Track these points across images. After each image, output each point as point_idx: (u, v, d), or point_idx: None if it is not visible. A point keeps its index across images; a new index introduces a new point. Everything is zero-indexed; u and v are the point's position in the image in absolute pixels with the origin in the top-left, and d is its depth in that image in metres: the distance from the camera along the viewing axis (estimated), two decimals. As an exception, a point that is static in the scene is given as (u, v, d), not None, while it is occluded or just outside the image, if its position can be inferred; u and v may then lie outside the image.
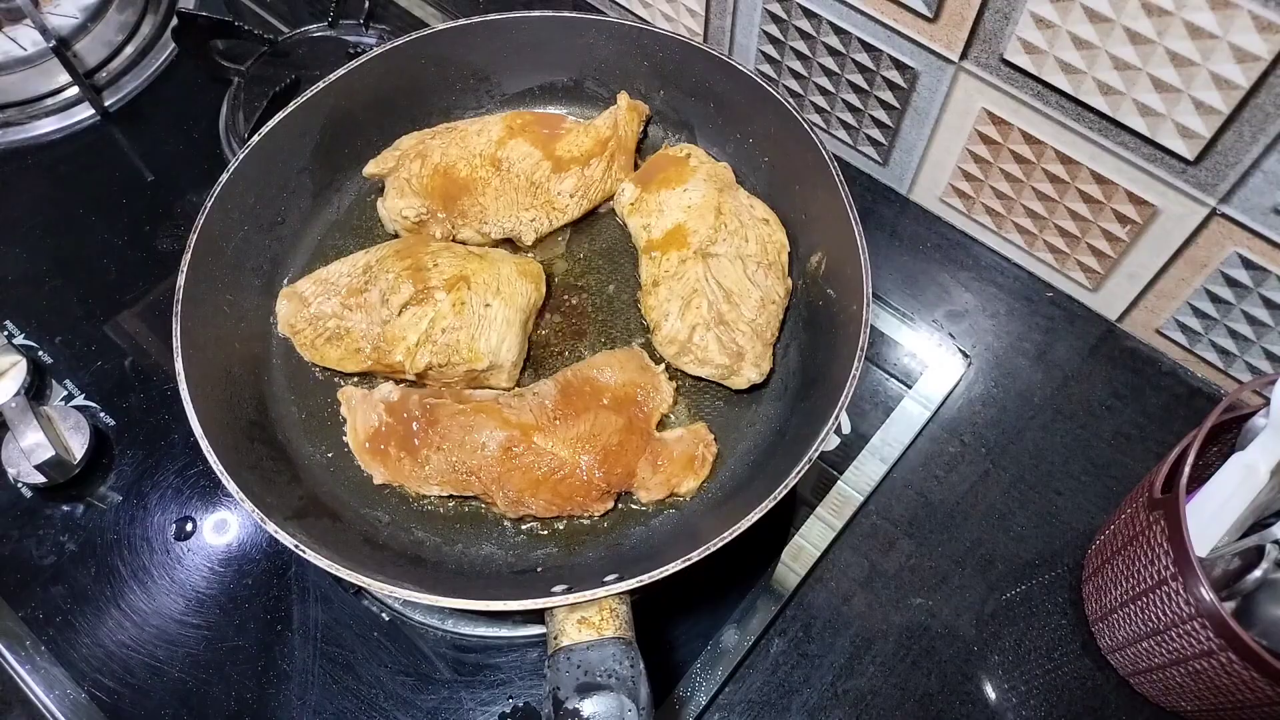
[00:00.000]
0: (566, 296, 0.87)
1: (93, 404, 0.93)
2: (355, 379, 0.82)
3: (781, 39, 1.00)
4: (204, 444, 0.69)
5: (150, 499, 0.89)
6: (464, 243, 0.88)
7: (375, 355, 0.79)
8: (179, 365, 0.72)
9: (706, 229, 0.82)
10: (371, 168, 0.89)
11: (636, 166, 0.92)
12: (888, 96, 0.96)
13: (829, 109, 1.03)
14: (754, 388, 0.80)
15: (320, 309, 0.81)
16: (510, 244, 0.90)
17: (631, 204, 0.87)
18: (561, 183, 0.88)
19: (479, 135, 0.88)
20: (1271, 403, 0.69)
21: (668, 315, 0.80)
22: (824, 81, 1.01)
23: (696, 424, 0.79)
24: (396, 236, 0.89)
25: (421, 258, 0.81)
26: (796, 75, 1.03)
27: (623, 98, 0.91)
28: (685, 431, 0.77)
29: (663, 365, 0.81)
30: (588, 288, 0.87)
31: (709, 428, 0.79)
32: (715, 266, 0.80)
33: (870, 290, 0.74)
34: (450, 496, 0.77)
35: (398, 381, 0.81)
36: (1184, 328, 0.92)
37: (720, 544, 0.64)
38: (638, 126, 0.92)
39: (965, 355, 0.96)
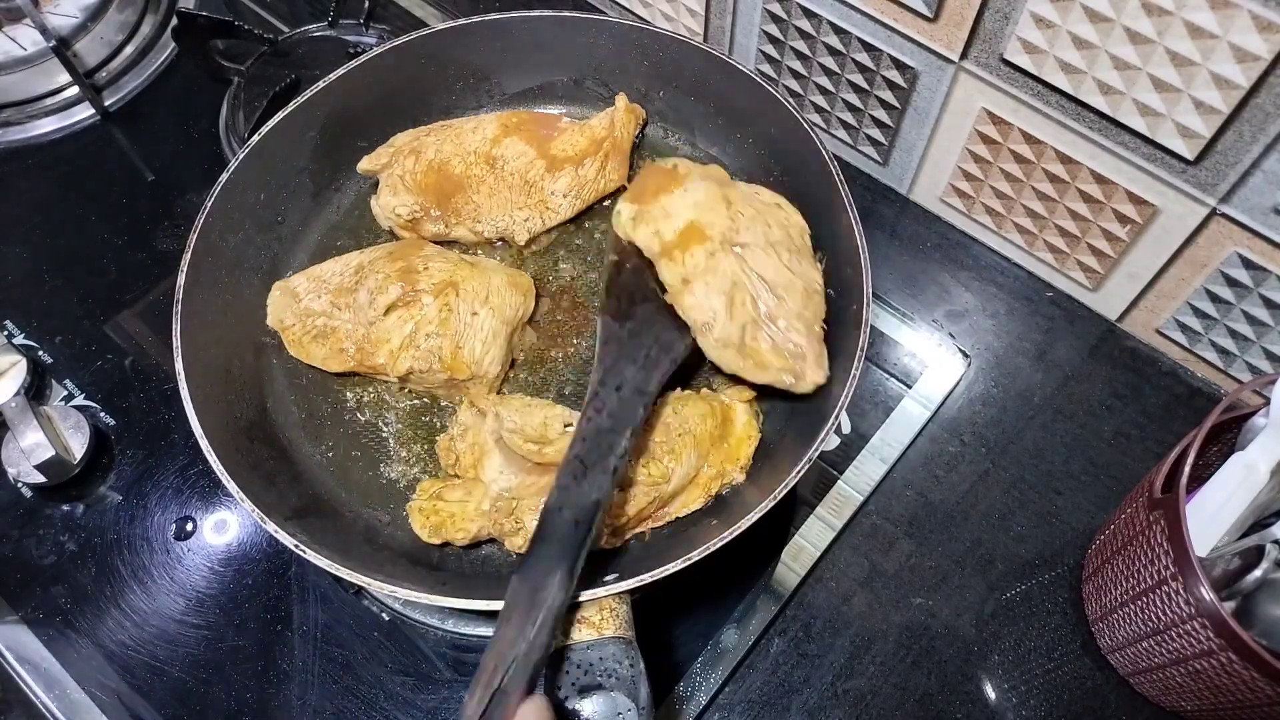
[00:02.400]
0: (561, 295, 0.86)
1: (93, 404, 0.93)
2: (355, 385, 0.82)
3: (781, 39, 1.00)
4: (204, 444, 0.69)
5: (150, 499, 0.88)
6: (457, 241, 0.88)
7: (359, 356, 0.79)
8: (179, 365, 0.72)
9: (722, 220, 0.75)
10: (365, 164, 0.89)
11: (631, 169, 0.92)
12: (888, 96, 0.96)
13: (829, 109, 1.03)
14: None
15: (310, 306, 0.81)
16: (504, 244, 0.90)
17: (633, 219, 0.80)
18: (555, 182, 0.88)
19: (474, 133, 0.88)
20: (1271, 403, 0.69)
21: (715, 315, 0.72)
22: (824, 81, 1.01)
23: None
24: (394, 236, 0.89)
25: (413, 260, 0.80)
26: (796, 75, 1.03)
27: (621, 99, 0.91)
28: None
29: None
30: (587, 287, 0.87)
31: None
32: (750, 258, 0.73)
33: (870, 290, 0.74)
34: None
35: (402, 385, 0.81)
36: (1184, 328, 0.92)
37: (720, 544, 0.64)
38: (634, 129, 0.92)
39: (965, 355, 0.96)
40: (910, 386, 0.94)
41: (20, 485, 0.89)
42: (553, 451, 0.70)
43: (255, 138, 0.83)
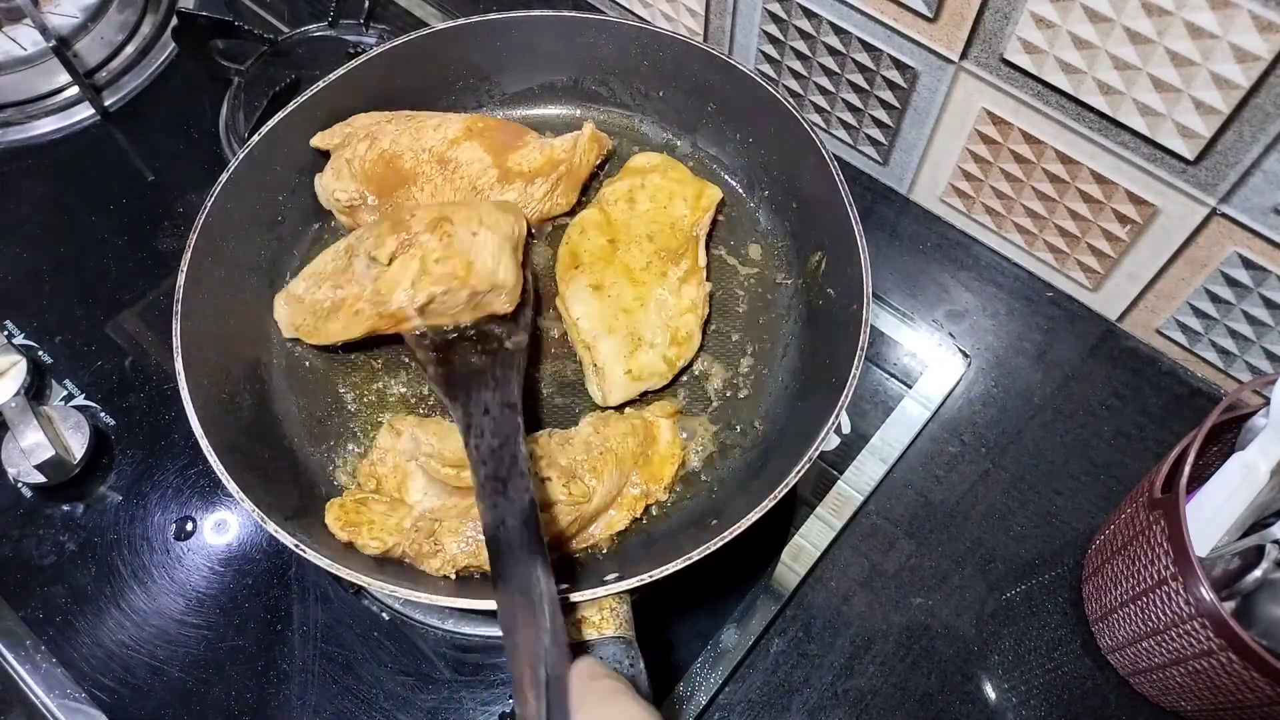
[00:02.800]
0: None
1: (93, 404, 0.93)
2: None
3: (781, 39, 1.00)
4: (204, 444, 0.69)
5: (150, 499, 0.88)
6: None
7: (375, 310, 0.76)
8: (179, 365, 0.72)
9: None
10: (319, 139, 0.88)
11: (584, 197, 0.92)
12: (888, 96, 0.96)
13: (829, 109, 1.03)
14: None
15: (315, 298, 0.80)
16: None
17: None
18: (502, 194, 0.87)
19: (435, 130, 0.87)
20: (1271, 403, 0.69)
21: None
22: (824, 81, 1.01)
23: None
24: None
25: (399, 214, 0.80)
26: (796, 75, 1.03)
27: (588, 126, 0.90)
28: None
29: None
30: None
31: (704, 426, 0.80)
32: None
33: (870, 290, 0.74)
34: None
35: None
36: (1184, 327, 0.92)
37: (720, 544, 0.64)
38: (595, 158, 0.91)
39: (965, 355, 0.96)
40: (910, 386, 0.94)
41: (20, 485, 0.89)
42: (471, 474, 0.71)
43: (255, 138, 0.83)
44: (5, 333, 0.97)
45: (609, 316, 0.80)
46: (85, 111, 1.13)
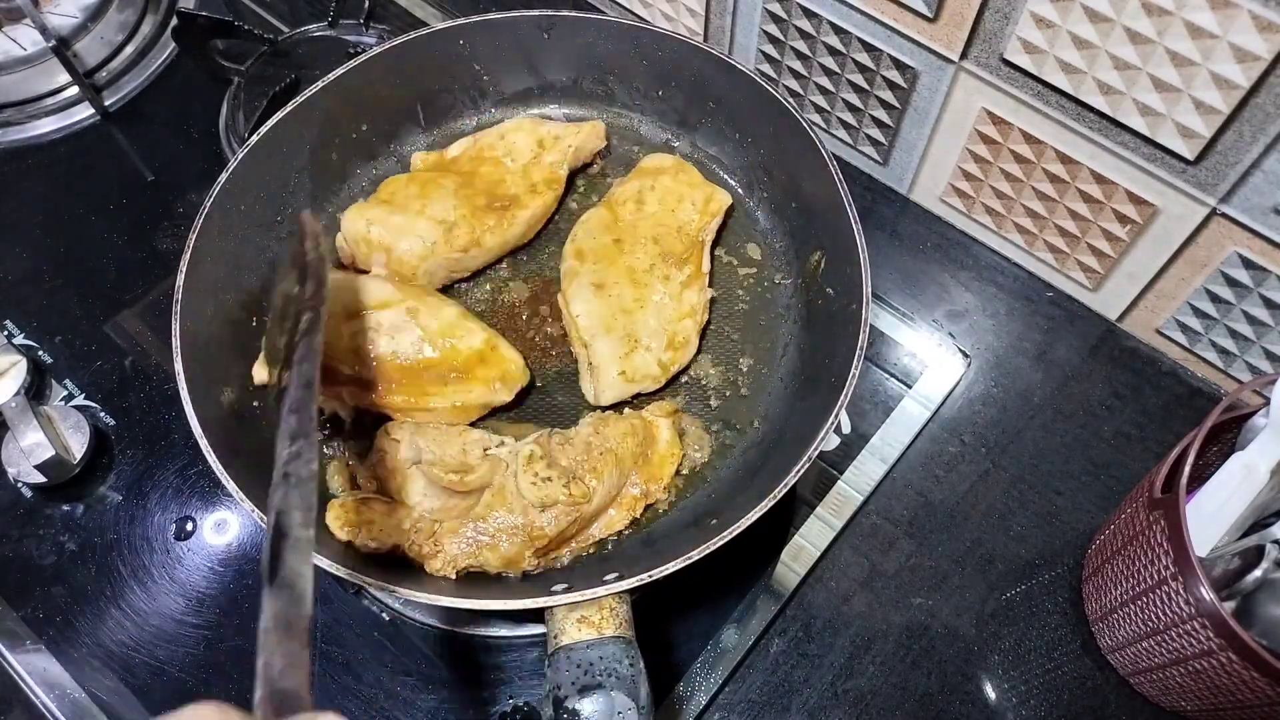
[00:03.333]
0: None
1: (93, 404, 0.93)
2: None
3: (781, 39, 1.00)
4: (203, 444, 0.69)
5: (150, 499, 0.88)
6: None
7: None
8: (179, 365, 0.72)
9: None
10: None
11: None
12: (888, 96, 0.96)
13: (829, 109, 1.03)
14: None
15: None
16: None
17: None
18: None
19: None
20: (1271, 403, 0.69)
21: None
22: (824, 81, 1.01)
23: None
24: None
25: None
26: (796, 75, 1.03)
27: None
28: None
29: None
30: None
31: (704, 426, 0.79)
32: None
33: (870, 289, 0.74)
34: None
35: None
36: (1184, 327, 0.92)
37: (720, 543, 0.64)
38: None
39: (965, 355, 0.96)
40: (910, 386, 0.94)
41: (20, 485, 0.89)
42: (475, 479, 0.71)
43: (255, 138, 0.83)
44: (5, 333, 0.97)
45: (608, 316, 0.80)
46: (85, 111, 1.13)
